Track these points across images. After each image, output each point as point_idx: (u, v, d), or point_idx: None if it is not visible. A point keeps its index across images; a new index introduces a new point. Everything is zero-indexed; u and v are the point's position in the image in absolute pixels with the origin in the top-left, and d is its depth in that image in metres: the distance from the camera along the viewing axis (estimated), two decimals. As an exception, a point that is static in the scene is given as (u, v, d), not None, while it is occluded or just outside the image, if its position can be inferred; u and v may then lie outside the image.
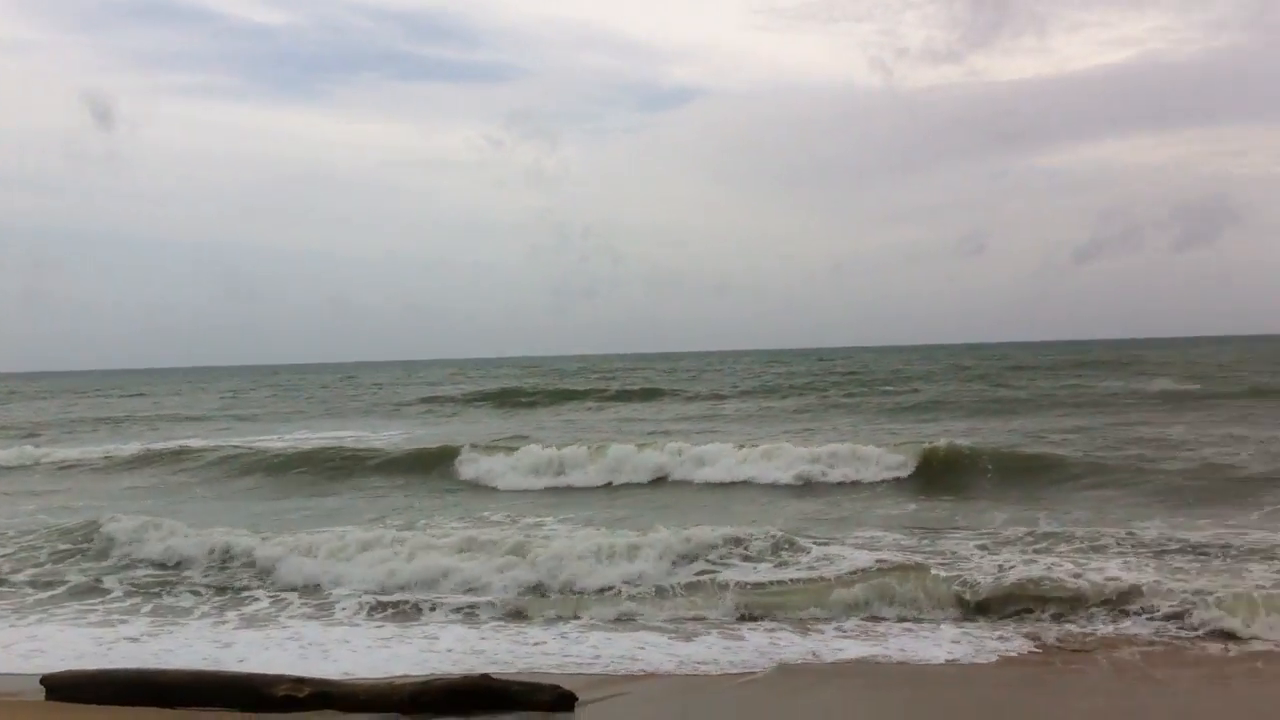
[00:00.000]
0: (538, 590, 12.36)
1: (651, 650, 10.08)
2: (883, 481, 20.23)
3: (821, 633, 10.63)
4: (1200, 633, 10.01)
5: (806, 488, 20.38)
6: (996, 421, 31.44)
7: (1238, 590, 10.68)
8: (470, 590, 12.42)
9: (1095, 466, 19.88)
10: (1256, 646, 9.60)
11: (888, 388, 49.91)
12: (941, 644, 10.05)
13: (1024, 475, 19.59)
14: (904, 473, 20.48)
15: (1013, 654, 9.71)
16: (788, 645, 10.19)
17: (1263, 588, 10.85)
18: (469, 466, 23.64)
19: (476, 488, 22.40)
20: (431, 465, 24.29)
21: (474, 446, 25.07)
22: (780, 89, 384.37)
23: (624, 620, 11.30)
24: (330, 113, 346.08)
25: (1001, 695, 8.69)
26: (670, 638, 10.54)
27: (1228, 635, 9.86)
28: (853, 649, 10.02)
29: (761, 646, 10.15)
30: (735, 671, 9.41)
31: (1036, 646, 9.91)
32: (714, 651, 10.00)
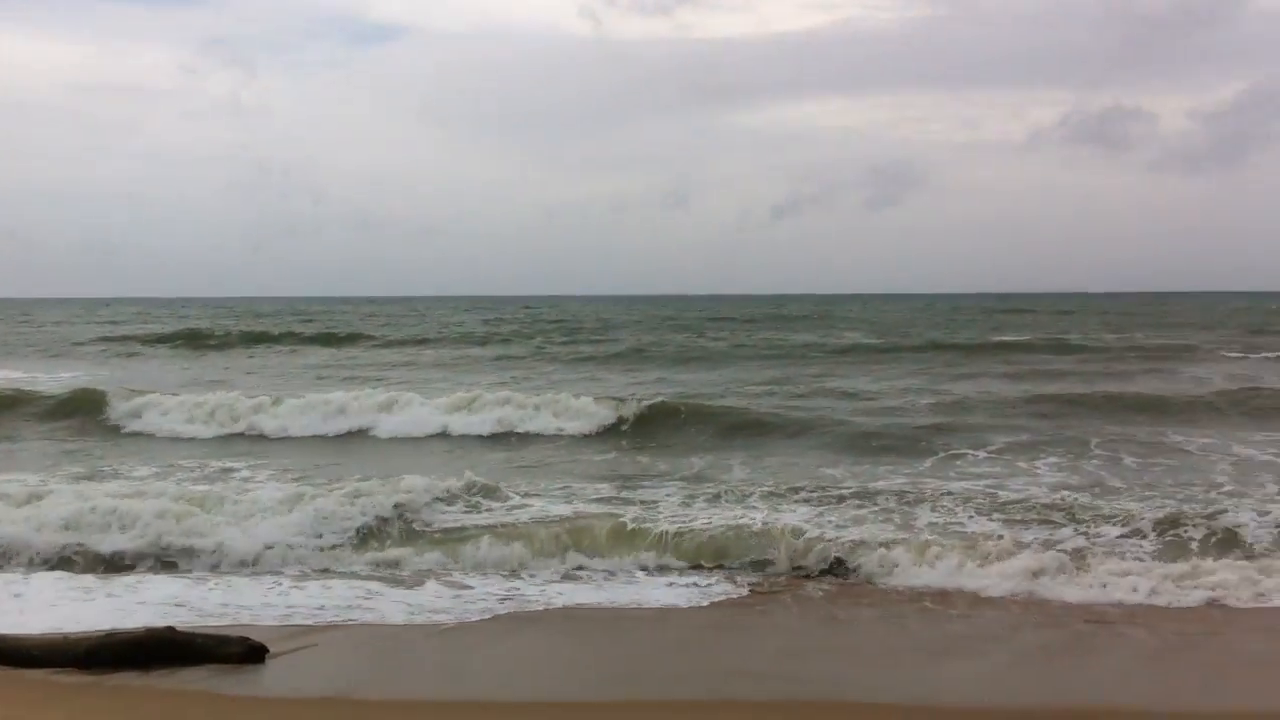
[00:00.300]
0: (240, 540, 11.70)
1: (378, 599, 9.99)
2: (585, 433, 20.27)
3: (530, 579, 10.74)
4: (876, 575, 10.59)
5: (507, 438, 20.23)
6: (697, 373, 32.31)
7: (906, 536, 11.51)
8: (170, 541, 11.69)
9: (788, 417, 20.68)
10: (920, 586, 10.28)
11: (594, 337, 50.46)
12: (649, 589, 10.37)
13: (722, 426, 20.13)
14: (606, 423, 20.57)
15: (712, 599, 10.06)
16: (499, 592, 10.24)
17: (930, 537, 11.63)
18: (145, 413, 21.98)
19: (154, 436, 21.01)
20: (104, 410, 22.50)
21: (151, 391, 23.54)
22: (490, 31, 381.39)
23: (330, 571, 11.08)
24: (3, 28, 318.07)
25: (703, 637, 8.97)
26: (389, 586, 10.47)
27: (899, 576, 10.51)
28: (563, 596, 10.17)
29: (475, 594, 10.18)
30: (443, 620, 9.35)
31: (734, 590, 10.30)
32: (442, 601, 9.98)
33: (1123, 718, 7.14)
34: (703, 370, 33.11)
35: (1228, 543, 11.19)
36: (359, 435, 20.90)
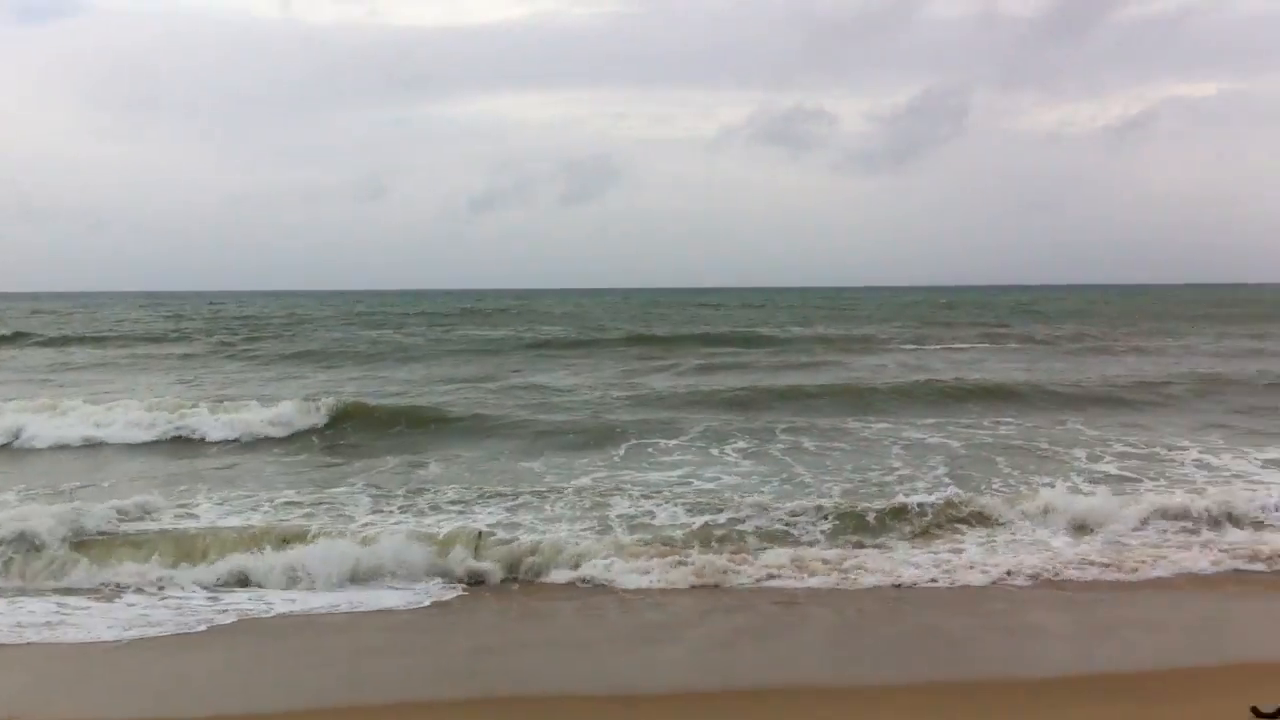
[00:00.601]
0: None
1: (57, 617, 9.28)
2: (272, 436, 19.21)
3: (213, 590, 10.15)
4: (572, 571, 10.58)
5: (184, 443, 18.93)
6: (393, 370, 31.72)
7: (600, 530, 11.75)
8: None
9: (485, 414, 20.55)
10: (612, 579, 10.32)
11: (283, 334, 48.74)
12: (341, 596, 9.97)
13: (417, 425, 19.75)
14: (294, 425, 19.59)
15: (409, 603, 9.81)
16: (191, 605, 9.70)
17: (622, 530, 11.90)
18: None
19: None
20: None
21: None
22: (169, 9, 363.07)
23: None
24: None
25: (403, 641, 8.76)
26: (76, 599, 9.80)
27: (593, 570, 10.51)
28: (249, 605, 9.69)
29: (164, 606, 9.64)
30: (128, 635, 8.77)
31: (429, 594, 10.07)
32: (131, 614, 9.38)
33: (808, 694, 7.38)
34: (399, 368, 32.55)
35: (901, 520, 11.83)
36: (13, 443, 19.00)
